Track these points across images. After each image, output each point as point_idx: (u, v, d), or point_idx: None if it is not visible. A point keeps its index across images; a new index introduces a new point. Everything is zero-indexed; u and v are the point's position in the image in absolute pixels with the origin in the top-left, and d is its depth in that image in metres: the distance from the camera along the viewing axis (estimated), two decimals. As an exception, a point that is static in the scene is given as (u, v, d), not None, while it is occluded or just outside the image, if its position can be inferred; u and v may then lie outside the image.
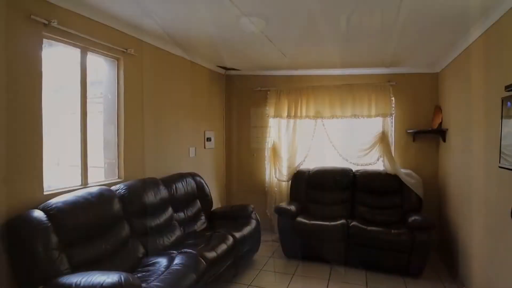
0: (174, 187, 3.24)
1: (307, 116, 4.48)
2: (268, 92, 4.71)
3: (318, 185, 4.26)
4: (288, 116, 4.55)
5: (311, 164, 4.56)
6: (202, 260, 2.45)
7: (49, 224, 2.00)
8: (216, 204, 4.47)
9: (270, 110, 4.66)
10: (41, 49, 2.26)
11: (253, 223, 3.58)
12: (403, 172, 4.00)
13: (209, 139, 4.49)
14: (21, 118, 2.12)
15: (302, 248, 3.73)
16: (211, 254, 2.61)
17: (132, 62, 3.06)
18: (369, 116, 4.25)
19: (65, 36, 2.42)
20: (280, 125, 4.62)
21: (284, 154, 4.57)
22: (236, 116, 4.96)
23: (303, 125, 4.53)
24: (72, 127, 4.09)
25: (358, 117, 4.30)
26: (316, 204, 4.21)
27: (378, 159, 4.20)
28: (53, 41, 2.41)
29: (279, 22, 2.76)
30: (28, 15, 2.13)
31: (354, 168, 4.31)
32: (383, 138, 4.17)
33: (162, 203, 2.97)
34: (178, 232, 3.04)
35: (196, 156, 4.20)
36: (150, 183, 2.94)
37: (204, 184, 3.80)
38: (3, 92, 2.01)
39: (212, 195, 3.93)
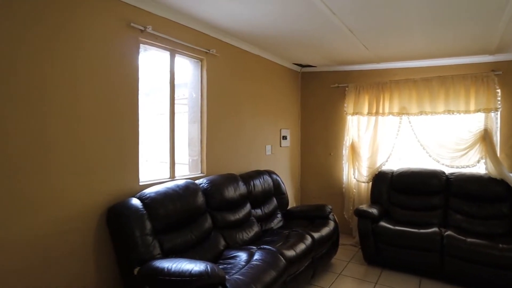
0: (252, 183, 3.29)
1: (390, 113, 4.13)
2: (347, 89, 4.47)
3: (403, 188, 3.88)
4: (369, 113, 4.26)
5: (395, 164, 4.20)
6: (282, 258, 2.41)
7: (145, 211, 2.19)
8: (290, 204, 4.42)
9: (349, 107, 4.42)
10: (138, 53, 2.50)
11: (331, 224, 3.43)
12: (512, 176, 3.39)
13: (285, 138, 4.46)
14: (123, 119, 2.36)
15: (385, 255, 3.44)
16: (290, 253, 2.56)
17: (214, 62, 3.20)
18: (467, 111, 3.71)
19: (158, 40, 2.63)
20: (359, 123, 4.36)
21: (364, 154, 4.28)
22: (312, 114, 4.84)
23: (385, 122, 4.19)
24: (158, 127, 4.49)
25: (453, 113, 3.79)
26: (400, 208, 3.84)
27: (478, 161, 3.65)
28: (147, 46, 2.65)
29: (363, 10, 2.57)
30: (128, 23, 2.37)
31: (447, 171, 3.82)
32: (485, 136, 3.60)
33: (241, 199, 3.03)
34: (256, 228, 3.07)
35: (272, 154, 4.22)
36: (230, 179, 3.03)
37: (281, 182, 3.78)
38: (112, 96, 2.27)
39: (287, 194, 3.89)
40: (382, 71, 4.32)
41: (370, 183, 4.20)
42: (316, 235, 3.04)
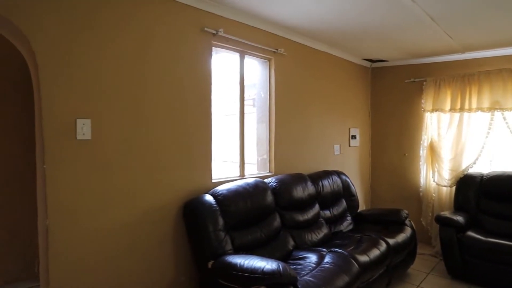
0: (320, 184, 3.20)
1: (479, 109, 3.64)
2: (424, 83, 4.08)
3: (497, 194, 3.39)
4: (452, 109, 3.82)
5: (485, 167, 3.70)
6: (355, 263, 2.29)
7: (217, 207, 2.27)
8: (360, 207, 4.19)
9: (427, 103, 4.02)
10: (211, 56, 2.61)
11: (408, 230, 3.15)
12: None
13: (354, 137, 4.26)
14: (200, 121, 2.48)
15: (473, 269, 3.04)
16: (364, 258, 2.41)
17: (281, 61, 3.19)
18: None
19: (228, 43, 2.71)
20: (440, 121, 3.94)
21: (445, 155, 3.86)
22: (384, 112, 4.53)
23: (472, 119, 3.71)
24: (223, 127, 4.64)
25: None
26: (492, 217, 3.36)
27: None
28: (218, 49, 2.75)
29: (449, -6, 2.31)
30: (202, 28, 2.49)
31: (556, 175, 3.23)
32: None
33: (309, 199, 2.97)
34: (325, 230, 2.97)
35: (341, 154, 4.05)
36: (299, 178, 2.98)
37: (350, 183, 3.61)
38: (187, 99, 2.41)
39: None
40: (468, 62, 3.85)
41: (453, 188, 3.77)
42: (391, 241, 2.82)
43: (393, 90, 4.43)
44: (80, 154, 1.86)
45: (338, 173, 3.55)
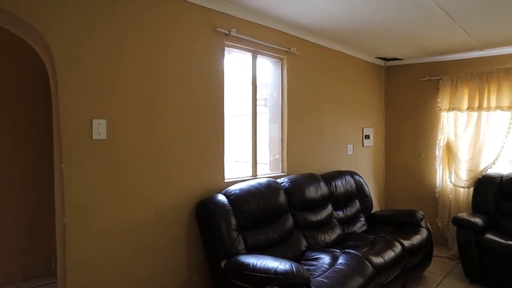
0: (333, 184, 3.16)
1: (498, 107, 3.54)
2: (440, 81, 3.99)
3: (516, 196, 3.29)
4: (470, 108, 3.72)
5: (504, 167, 3.59)
6: (369, 265, 2.25)
7: (230, 207, 2.27)
8: (374, 208, 4.13)
9: (443, 102, 3.93)
10: (223, 56, 2.61)
11: (424, 232, 3.08)
12: None
13: (367, 137, 4.20)
14: (212, 121, 2.49)
15: (493, 273, 2.95)
16: (378, 260, 2.37)
17: (294, 60, 3.18)
18: None
19: (241, 43, 2.71)
20: (457, 120, 3.84)
21: (462, 155, 3.76)
22: (398, 111, 4.45)
23: (491, 118, 3.61)
24: (235, 127, 4.63)
25: None
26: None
27: None
28: (231, 49, 2.75)
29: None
30: (215, 28, 2.50)
31: None
32: None
33: (322, 199, 2.94)
34: (338, 231, 2.94)
35: (354, 154, 4.01)
36: (311, 178, 2.96)
37: (364, 183, 3.56)
38: (204, 98, 2.43)
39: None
40: (486, 59, 3.74)
41: (471, 189, 3.67)
42: (406, 243, 2.77)
43: (408, 89, 4.35)
44: (96, 154, 1.90)
45: (352, 173, 3.50)
